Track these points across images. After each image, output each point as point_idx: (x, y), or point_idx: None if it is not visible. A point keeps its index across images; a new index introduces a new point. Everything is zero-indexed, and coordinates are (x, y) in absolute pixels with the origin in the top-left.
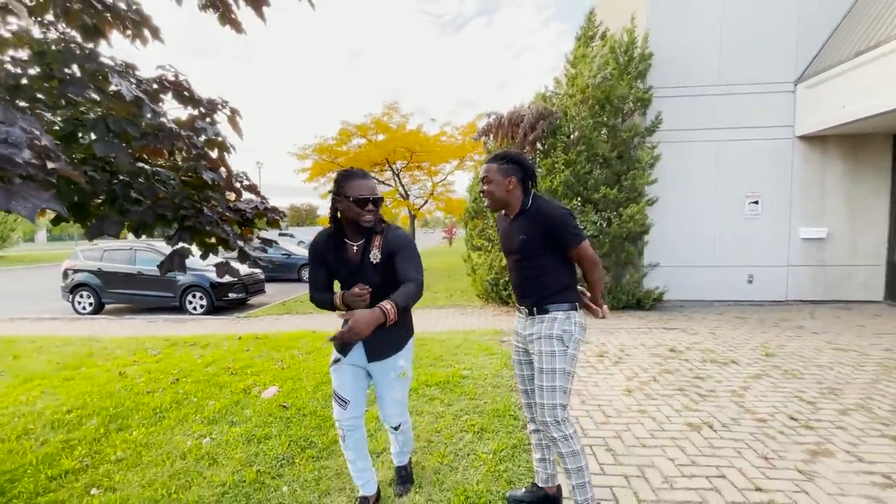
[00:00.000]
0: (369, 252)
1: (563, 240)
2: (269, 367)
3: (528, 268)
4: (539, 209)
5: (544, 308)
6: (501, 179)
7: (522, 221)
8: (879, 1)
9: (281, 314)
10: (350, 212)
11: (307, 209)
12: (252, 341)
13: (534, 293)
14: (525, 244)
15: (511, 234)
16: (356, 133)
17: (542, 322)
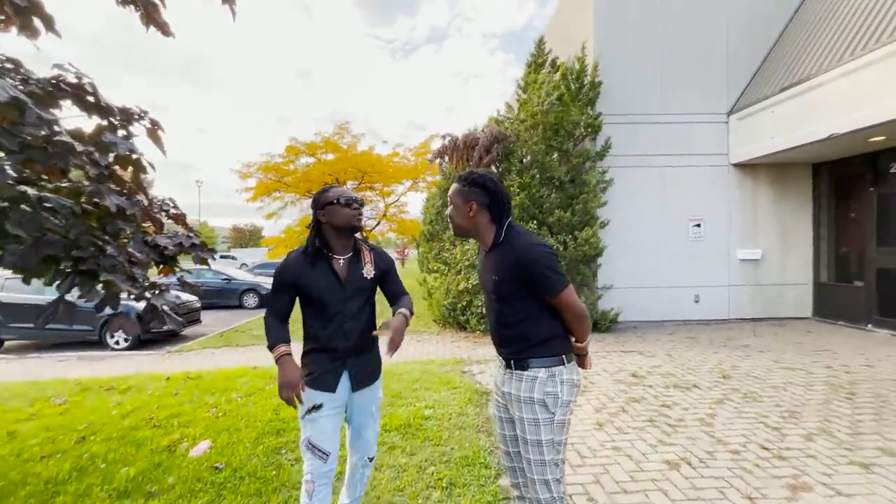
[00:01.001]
0: (361, 266)
1: (539, 284)
2: (201, 416)
3: (503, 313)
4: (512, 245)
5: (523, 362)
6: (461, 204)
7: (495, 257)
8: (798, 39)
9: (218, 347)
10: (338, 216)
11: (251, 230)
12: (182, 382)
13: (511, 342)
14: (498, 286)
15: (485, 270)
16: (305, 151)
17: (522, 381)
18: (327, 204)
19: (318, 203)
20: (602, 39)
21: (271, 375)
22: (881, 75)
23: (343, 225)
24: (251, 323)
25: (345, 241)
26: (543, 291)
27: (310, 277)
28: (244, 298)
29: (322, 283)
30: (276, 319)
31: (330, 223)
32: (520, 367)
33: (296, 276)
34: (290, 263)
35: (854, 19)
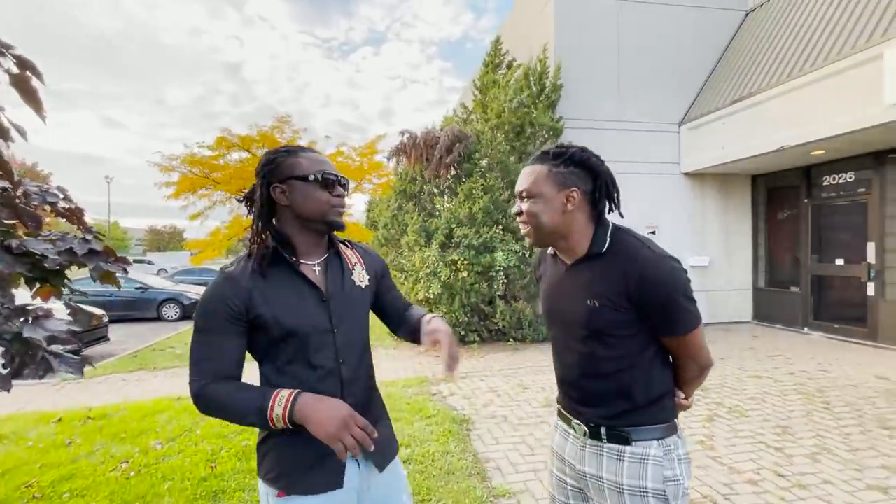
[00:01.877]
0: (349, 272)
1: (670, 317)
2: (105, 476)
3: (597, 356)
4: (629, 255)
5: (622, 432)
6: (554, 193)
7: (592, 272)
8: (745, 55)
9: (131, 371)
10: (310, 201)
11: (170, 232)
12: (80, 425)
13: (603, 400)
14: (598, 315)
15: (568, 292)
16: (238, 145)
17: (622, 460)
18: (292, 178)
19: (275, 172)
20: (562, 43)
21: None
22: (828, 93)
23: (316, 216)
24: (173, 339)
25: (315, 239)
26: (670, 328)
27: (269, 298)
28: (163, 310)
29: (292, 305)
30: (224, 384)
31: (294, 209)
32: (617, 439)
33: (245, 301)
34: (231, 281)
35: (799, 37)
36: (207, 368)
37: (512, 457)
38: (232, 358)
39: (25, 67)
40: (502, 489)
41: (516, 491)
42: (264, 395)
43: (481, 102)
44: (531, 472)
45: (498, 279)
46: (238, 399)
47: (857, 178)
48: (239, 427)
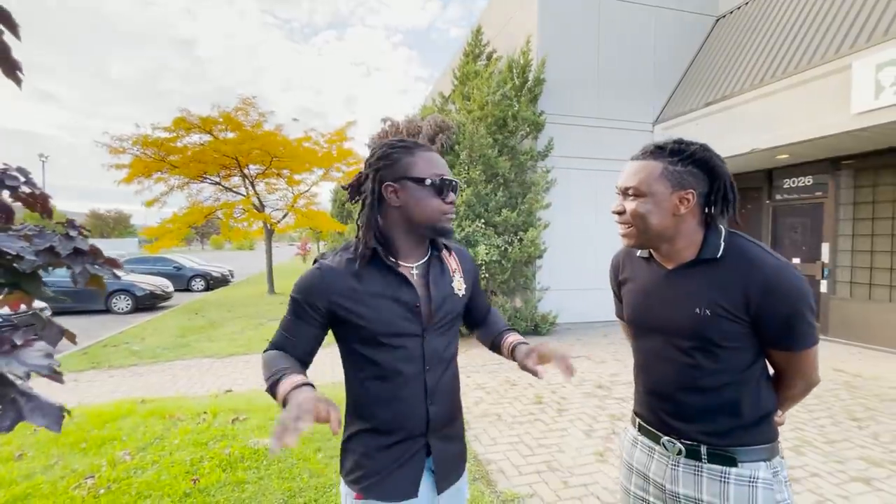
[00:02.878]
0: (450, 279)
1: (791, 330)
2: (68, 495)
3: (701, 368)
4: (752, 262)
5: (727, 455)
6: (668, 194)
7: (705, 279)
8: (718, 58)
9: (82, 370)
10: (415, 205)
11: (115, 217)
12: (30, 434)
13: (706, 418)
14: (708, 325)
15: (669, 298)
16: (198, 126)
17: (726, 483)
18: (407, 178)
19: (389, 169)
20: (545, 36)
21: (172, 412)
22: (797, 100)
23: (426, 221)
24: (126, 333)
25: (418, 242)
26: (789, 342)
27: (362, 299)
28: (113, 301)
29: (384, 308)
30: (289, 359)
31: (404, 210)
32: (720, 459)
33: (337, 296)
34: (324, 277)
35: (772, 43)
36: (279, 340)
37: (513, 458)
38: (302, 344)
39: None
40: (510, 493)
41: (524, 495)
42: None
43: (461, 92)
44: (535, 473)
45: (480, 274)
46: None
47: (814, 182)
48: (219, 434)
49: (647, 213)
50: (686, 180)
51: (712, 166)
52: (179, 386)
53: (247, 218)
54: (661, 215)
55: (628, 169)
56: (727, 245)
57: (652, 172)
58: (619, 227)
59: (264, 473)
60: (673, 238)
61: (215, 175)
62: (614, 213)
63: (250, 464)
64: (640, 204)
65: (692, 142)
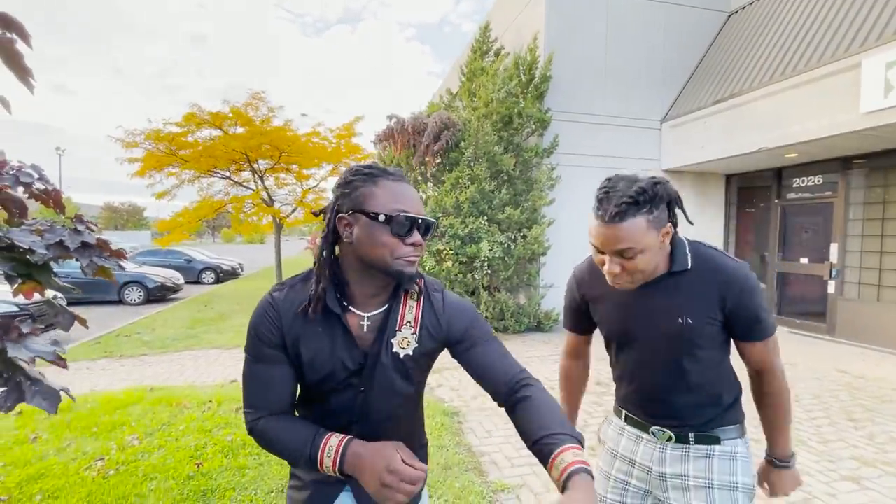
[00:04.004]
0: (392, 333)
1: (760, 322)
2: (79, 476)
3: (688, 372)
4: (718, 268)
5: (713, 435)
6: (656, 238)
7: (677, 290)
8: (727, 56)
9: (95, 359)
10: (367, 243)
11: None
12: (44, 418)
13: (695, 413)
14: (692, 331)
15: (646, 312)
16: (208, 122)
17: (710, 458)
18: (359, 211)
19: (346, 198)
20: (552, 33)
21: (179, 400)
22: (806, 98)
23: (377, 263)
24: (138, 324)
25: (376, 288)
26: (760, 333)
27: (305, 336)
28: (125, 293)
29: (323, 353)
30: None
31: (357, 249)
32: (706, 440)
33: (284, 330)
34: (273, 306)
35: (782, 41)
36: (257, 402)
37: (506, 450)
38: (278, 390)
39: (10, 28)
40: (501, 484)
41: (514, 485)
42: (313, 441)
43: (468, 89)
44: (527, 465)
45: (482, 270)
46: (288, 443)
47: (824, 182)
48: (223, 422)
49: (647, 266)
50: (662, 218)
51: (670, 194)
52: (187, 375)
53: (256, 212)
54: (657, 256)
55: (616, 233)
56: (693, 255)
57: (640, 229)
58: (611, 280)
59: (264, 460)
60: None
61: (225, 169)
62: (609, 275)
63: (251, 451)
64: (640, 260)
65: (652, 181)
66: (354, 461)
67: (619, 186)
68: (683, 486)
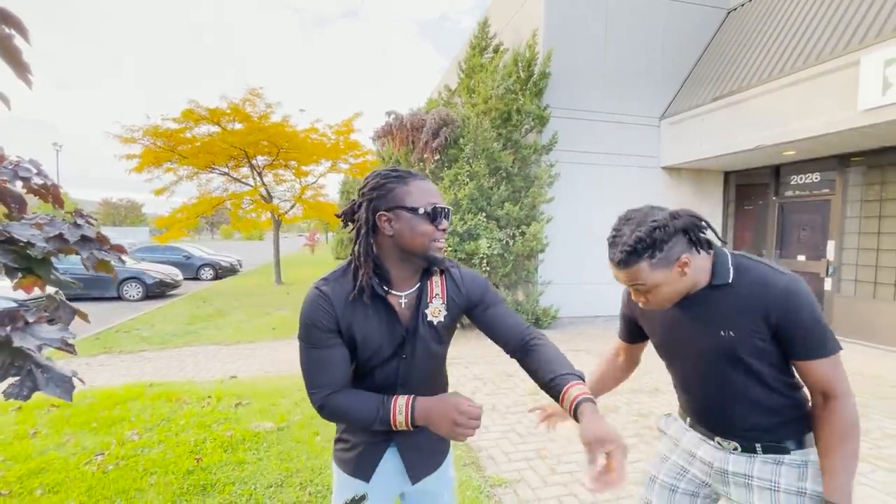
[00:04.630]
0: (425, 305)
1: (801, 339)
2: (79, 470)
3: (737, 388)
4: (764, 282)
5: (780, 446)
6: (668, 273)
7: (719, 303)
8: (726, 54)
9: (94, 355)
10: (409, 234)
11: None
12: (44, 414)
13: (758, 426)
14: (735, 344)
15: (689, 325)
16: (207, 118)
17: (780, 465)
18: (400, 207)
19: (383, 199)
20: (552, 30)
21: (179, 396)
22: (804, 95)
23: (419, 250)
24: (137, 320)
25: (411, 271)
26: (804, 351)
27: (356, 321)
28: (124, 289)
29: (373, 332)
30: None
31: (397, 239)
32: (774, 450)
33: (338, 317)
34: (325, 298)
35: (781, 38)
36: (323, 381)
37: (503, 445)
38: (339, 368)
39: (8, 23)
40: (498, 478)
41: (511, 480)
42: (382, 404)
43: (467, 85)
44: (524, 461)
45: (481, 266)
46: (359, 411)
47: (822, 179)
48: (222, 417)
49: (666, 294)
50: (673, 254)
51: (680, 229)
52: (186, 371)
53: (255, 209)
54: (676, 285)
55: (624, 275)
56: (735, 268)
57: (644, 272)
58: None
59: (264, 455)
60: (693, 285)
61: (223, 166)
62: (637, 302)
63: (251, 445)
64: (657, 293)
65: (656, 225)
66: (424, 413)
67: (624, 232)
68: (747, 485)
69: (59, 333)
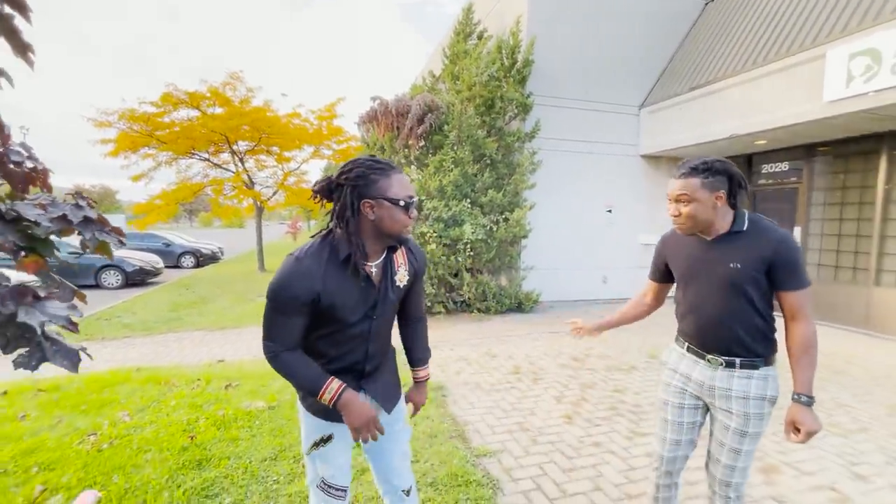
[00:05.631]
0: (393, 273)
1: (795, 275)
2: (73, 449)
3: (735, 307)
4: (765, 231)
5: (754, 364)
6: (708, 196)
7: (733, 245)
8: (703, 44)
9: (77, 341)
10: (392, 220)
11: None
12: (31, 398)
13: (741, 344)
14: (740, 274)
15: (709, 260)
16: (186, 102)
17: (751, 379)
18: (384, 198)
19: (367, 188)
20: (536, 17)
21: (167, 379)
22: (775, 87)
23: (393, 234)
24: (117, 307)
25: (382, 246)
26: (794, 283)
27: (336, 290)
28: (102, 276)
29: (351, 298)
30: (297, 354)
31: (377, 224)
32: (749, 366)
33: (319, 290)
34: (306, 272)
35: (755, 30)
36: (280, 339)
37: (488, 420)
38: (297, 333)
39: (12, 3)
40: (483, 449)
41: (495, 451)
42: (319, 379)
43: (451, 72)
44: (507, 433)
45: (465, 252)
46: (301, 377)
47: (790, 168)
48: (213, 398)
49: (697, 213)
50: (716, 185)
51: (730, 173)
52: (172, 356)
53: (237, 195)
54: (707, 212)
55: (676, 185)
56: (749, 222)
57: (694, 185)
58: (674, 221)
59: (257, 432)
60: (714, 222)
61: (204, 151)
62: (672, 216)
63: (243, 423)
64: (691, 208)
65: (714, 160)
66: (345, 404)
67: (694, 160)
68: (727, 396)
69: (66, 311)
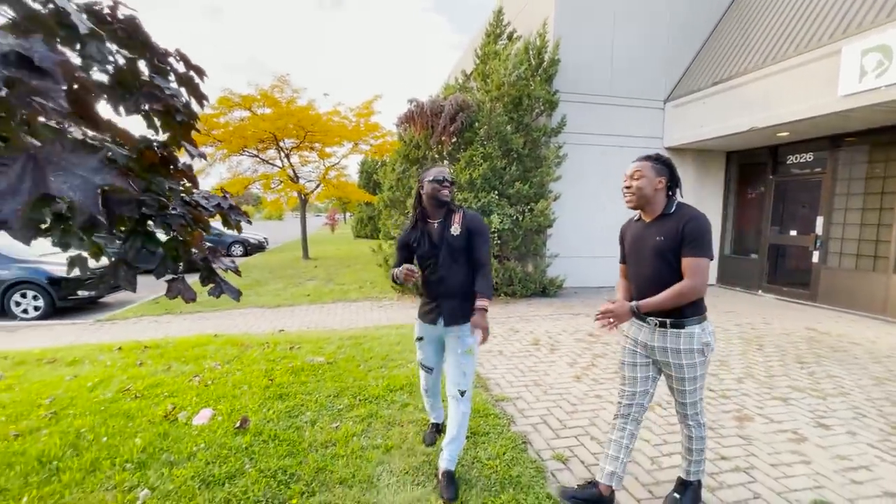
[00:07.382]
0: (450, 227)
1: (687, 243)
2: (185, 385)
3: (661, 272)
4: (686, 213)
5: (679, 323)
6: (654, 177)
7: (662, 224)
8: (728, 39)
9: (159, 315)
10: (430, 190)
11: None
12: (140, 352)
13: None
14: (662, 244)
15: (645, 236)
16: (240, 104)
17: (679, 337)
18: (426, 181)
19: (421, 180)
20: (562, 17)
21: (241, 342)
22: (793, 81)
23: (433, 196)
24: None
25: (436, 209)
26: (696, 250)
27: (414, 238)
28: (232, 248)
29: (420, 242)
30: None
31: (425, 195)
32: (675, 326)
33: (407, 238)
34: (404, 231)
35: (776, 26)
36: (396, 262)
37: (507, 377)
38: (403, 259)
39: (191, 68)
40: (501, 396)
41: (512, 397)
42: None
43: (482, 71)
44: (523, 387)
45: (493, 240)
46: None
47: (815, 158)
48: (282, 355)
49: (643, 187)
50: (661, 172)
51: (672, 168)
52: (240, 327)
53: (283, 189)
54: (650, 188)
55: (634, 165)
56: (676, 206)
57: (646, 166)
58: (625, 195)
59: (321, 378)
60: (652, 202)
61: (253, 148)
62: (625, 188)
63: (309, 373)
64: (641, 182)
65: (664, 156)
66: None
67: (649, 153)
68: (664, 350)
69: (232, 264)
